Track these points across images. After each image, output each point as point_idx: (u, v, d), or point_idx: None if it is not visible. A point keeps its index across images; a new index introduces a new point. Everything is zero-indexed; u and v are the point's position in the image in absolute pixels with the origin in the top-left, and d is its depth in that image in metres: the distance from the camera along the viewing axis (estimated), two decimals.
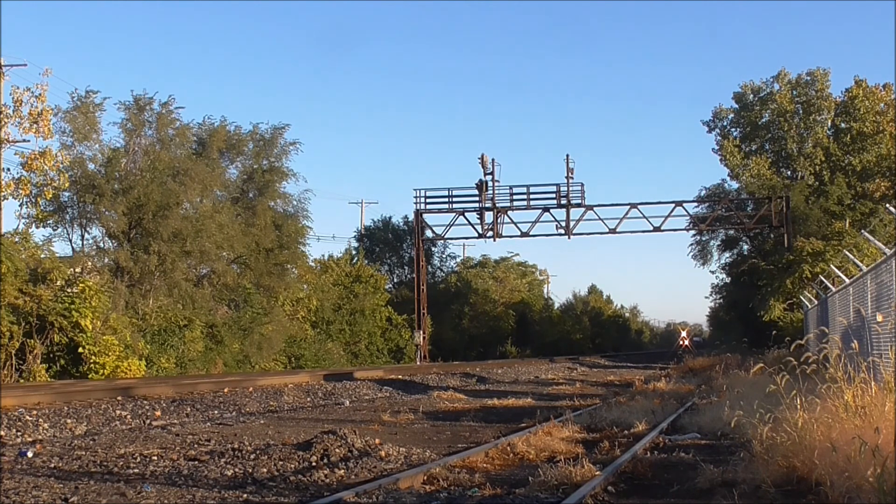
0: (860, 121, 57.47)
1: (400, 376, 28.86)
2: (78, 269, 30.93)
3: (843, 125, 58.76)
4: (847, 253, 23.56)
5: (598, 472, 8.98)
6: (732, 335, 56.76)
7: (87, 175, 33.42)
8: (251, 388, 21.09)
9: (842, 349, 9.11)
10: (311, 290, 45.85)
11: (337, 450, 10.63)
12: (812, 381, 9.20)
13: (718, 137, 61.79)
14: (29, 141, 31.50)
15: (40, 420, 13.89)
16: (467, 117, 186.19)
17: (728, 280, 62.60)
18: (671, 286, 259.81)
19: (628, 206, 48.91)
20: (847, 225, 46.21)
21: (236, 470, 9.64)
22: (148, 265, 33.33)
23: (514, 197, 49.25)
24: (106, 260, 33.84)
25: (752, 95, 61.20)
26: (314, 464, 10.04)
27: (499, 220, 49.15)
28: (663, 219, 49.01)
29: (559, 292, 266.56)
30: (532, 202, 49.23)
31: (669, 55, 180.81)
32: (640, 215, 48.69)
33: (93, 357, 27.44)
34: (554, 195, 48.76)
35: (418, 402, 20.59)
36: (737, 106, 61.68)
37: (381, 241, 65.22)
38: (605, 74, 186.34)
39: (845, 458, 7.13)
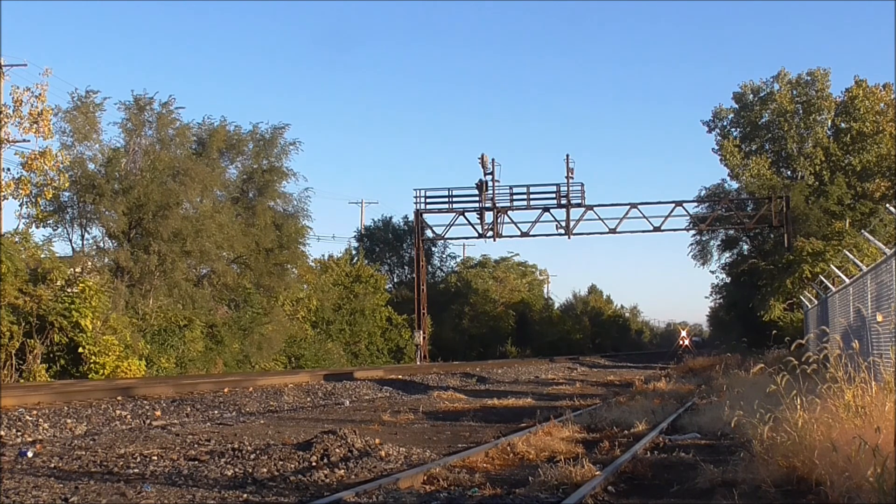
0: (860, 121, 57.43)
1: (400, 376, 28.85)
2: (78, 269, 30.91)
3: (843, 125, 58.71)
4: (847, 253, 23.54)
5: (598, 472, 8.97)
6: (732, 335, 56.77)
7: (87, 175, 33.42)
8: (251, 388, 21.09)
9: (842, 349, 9.10)
10: (311, 290, 45.85)
11: (337, 450, 10.63)
12: (812, 381, 9.20)
13: (718, 137, 61.78)
14: (29, 141, 31.54)
15: (40, 420, 13.88)
16: (467, 117, 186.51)
17: (728, 280, 62.59)
18: (671, 286, 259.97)
19: (628, 206, 48.92)
20: (847, 225, 46.17)
21: (236, 470, 9.64)
22: (148, 265, 33.33)
23: (514, 197, 49.26)
24: (106, 260, 33.84)
25: (752, 95, 61.17)
26: (314, 464, 10.04)
27: (499, 220, 49.15)
28: (663, 219, 49.04)
29: (559, 292, 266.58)
30: (532, 202, 49.24)
31: (669, 55, 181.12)
32: (640, 215, 48.73)
33: (93, 357, 27.43)
34: (554, 195, 48.76)
35: (418, 402, 20.59)
36: (737, 106, 61.64)
37: (381, 241, 65.22)
38: (605, 74, 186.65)
39: (845, 457, 7.13)
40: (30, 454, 10.81)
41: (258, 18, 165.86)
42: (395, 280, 64.83)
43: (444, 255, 69.43)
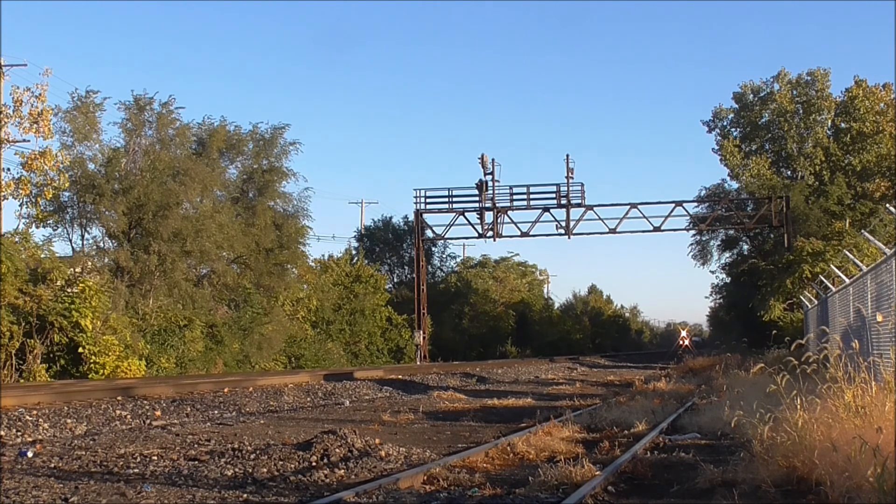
0: (860, 121, 57.43)
1: (400, 376, 28.85)
2: (78, 269, 30.91)
3: (843, 125, 58.72)
4: (847, 253, 23.54)
5: (598, 472, 8.97)
6: (732, 335, 56.78)
7: (87, 175, 33.42)
8: (251, 388, 21.09)
9: (842, 349, 9.10)
10: (311, 290, 45.85)
11: (337, 450, 10.63)
12: (812, 381, 9.20)
13: (718, 137, 61.79)
14: (29, 141, 31.53)
15: (40, 420, 13.88)
16: (467, 117, 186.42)
17: (728, 280, 62.62)
18: (671, 286, 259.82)
19: (628, 206, 48.93)
20: (847, 225, 46.17)
21: (236, 470, 9.64)
22: (148, 265, 33.33)
23: (514, 197, 49.26)
24: (106, 260, 33.83)
25: (752, 95, 61.17)
26: (314, 464, 10.03)
27: (499, 220, 49.14)
28: (663, 219, 49.04)
29: (559, 292, 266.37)
30: (532, 202, 49.24)
31: (669, 55, 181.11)
32: (640, 215, 48.72)
33: (93, 357, 27.43)
34: (554, 195, 48.76)
35: (418, 402, 20.58)
36: (737, 106, 61.65)
37: (381, 241, 65.22)
38: (605, 74, 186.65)
39: (845, 457, 7.13)
40: (30, 454, 10.81)
41: (258, 18, 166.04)
42: (395, 280, 64.85)
43: (444, 255, 69.53)
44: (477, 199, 49.30)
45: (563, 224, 48.90)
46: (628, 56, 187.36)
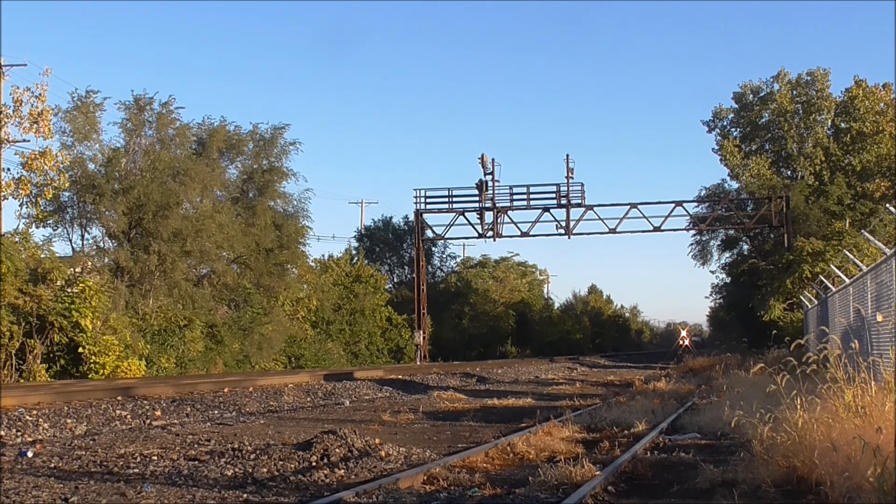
0: (860, 121, 57.42)
1: (400, 376, 28.86)
2: (78, 269, 30.92)
3: (843, 125, 58.71)
4: (847, 253, 23.55)
5: (598, 472, 8.98)
6: (732, 335, 56.77)
7: (87, 175, 33.42)
8: (251, 388, 21.09)
9: (842, 349, 9.10)
10: (311, 290, 45.85)
11: (337, 450, 10.63)
12: (812, 381, 9.20)
13: (718, 137, 61.79)
14: (29, 141, 31.51)
15: (40, 420, 13.89)
16: (467, 117, 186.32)
17: (728, 280, 62.64)
18: (671, 286, 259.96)
19: (628, 206, 48.94)
20: (847, 225, 46.16)
21: (236, 470, 9.64)
22: (148, 265, 33.33)
23: (514, 197, 49.28)
24: (106, 260, 33.83)
25: (751, 95, 61.17)
26: (314, 464, 10.04)
27: (499, 220, 49.16)
28: (663, 219, 49.07)
29: (559, 292, 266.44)
30: (532, 202, 49.26)
31: (669, 55, 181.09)
32: (640, 215, 48.75)
33: (93, 357, 27.43)
34: (554, 195, 48.78)
35: (418, 402, 20.59)
36: (737, 106, 61.65)
37: (381, 241, 65.23)
38: (605, 74, 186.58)
39: (845, 457, 7.13)
40: (30, 454, 10.82)
41: (258, 18, 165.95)
42: (395, 280, 64.85)
43: (444, 255, 69.54)
44: (477, 199, 49.33)
45: (563, 224, 48.94)
46: (628, 56, 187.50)
